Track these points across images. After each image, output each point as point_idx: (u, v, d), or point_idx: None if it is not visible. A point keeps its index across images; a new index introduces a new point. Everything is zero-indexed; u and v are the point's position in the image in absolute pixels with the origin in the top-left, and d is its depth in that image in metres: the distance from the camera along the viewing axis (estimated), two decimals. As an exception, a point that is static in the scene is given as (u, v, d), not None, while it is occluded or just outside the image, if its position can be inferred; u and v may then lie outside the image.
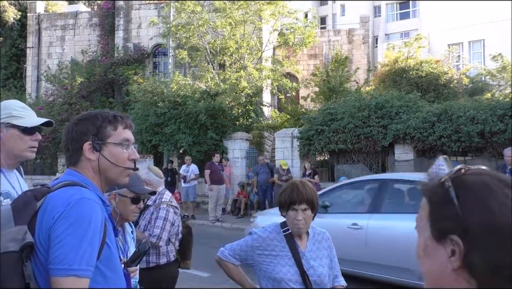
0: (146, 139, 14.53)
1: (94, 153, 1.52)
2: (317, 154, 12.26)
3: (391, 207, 5.90)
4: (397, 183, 6.25)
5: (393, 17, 32.65)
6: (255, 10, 16.81)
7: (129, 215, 2.33)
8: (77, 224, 1.34)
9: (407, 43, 17.65)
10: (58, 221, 1.34)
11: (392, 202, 6.01)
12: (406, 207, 5.80)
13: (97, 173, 1.54)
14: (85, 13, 23.53)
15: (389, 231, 5.49)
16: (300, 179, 2.29)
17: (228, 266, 2.33)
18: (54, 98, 19.44)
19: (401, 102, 10.86)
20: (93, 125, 1.53)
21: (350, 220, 5.84)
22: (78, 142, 1.52)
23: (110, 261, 1.44)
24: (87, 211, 1.37)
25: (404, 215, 5.25)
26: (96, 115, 1.57)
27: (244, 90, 14.72)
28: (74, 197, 1.38)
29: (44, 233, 1.35)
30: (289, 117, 16.98)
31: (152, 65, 21.73)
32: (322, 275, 2.20)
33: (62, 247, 1.31)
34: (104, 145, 1.53)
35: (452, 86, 15.98)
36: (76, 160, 1.54)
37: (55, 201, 1.38)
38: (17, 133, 1.92)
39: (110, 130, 1.55)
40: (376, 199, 5.97)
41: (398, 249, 5.12)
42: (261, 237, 2.23)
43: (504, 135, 9.13)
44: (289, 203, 2.15)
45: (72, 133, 1.53)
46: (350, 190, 6.80)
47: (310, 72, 19.57)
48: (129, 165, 1.59)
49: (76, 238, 1.32)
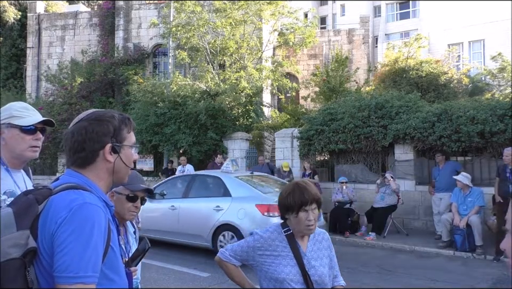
0: (146, 139, 14.53)
1: (112, 155, 1.52)
2: (317, 154, 12.25)
3: (195, 193, 8.36)
4: (201, 176, 8.94)
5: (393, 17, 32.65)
6: (255, 10, 16.81)
7: (126, 214, 2.28)
8: (80, 230, 1.32)
9: (407, 43, 17.64)
10: (61, 227, 1.32)
11: (196, 190, 8.43)
12: (203, 193, 8.34)
13: (110, 174, 1.55)
14: (85, 13, 23.54)
15: (191, 210, 8.07)
16: (301, 180, 2.28)
17: (228, 267, 2.32)
18: (54, 98, 19.44)
19: (401, 102, 10.85)
20: (112, 126, 1.53)
21: (171, 203, 8.30)
22: (98, 142, 1.50)
23: (114, 264, 1.44)
24: (90, 217, 1.35)
25: (201, 198, 8.15)
26: (113, 116, 1.56)
27: (244, 90, 14.71)
28: (77, 201, 1.36)
29: (46, 238, 1.34)
30: (289, 117, 16.97)
31: (152, 65, 21.73)
32: (323, 275, 2.20)
33: (66, 254, 1.29)
34: (121, 148, 1.55)
35: (451, 86, 15.97)
36: (90, 160, 1.51)
37: (57, 206, 1.36)
38: (17, 132, 1.94)
39: (125, 133, 1.57)
40: (187, 188, 8.49)
41: (195, 222, 7.88)
42: (262, 238, 2.23)
43: (504, 135, 9.12)
44: (300, 205, 2.13)
45: (92, 133, 1.50)
46: (178, 182, 9.07)
47: (310, 72, 19.58)
48: (132, 165, 1.63)
49: (80, 244, 1.30)
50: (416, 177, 10.55)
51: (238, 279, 2.33)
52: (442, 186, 9.15)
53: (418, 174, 10.65)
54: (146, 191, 2.35)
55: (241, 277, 2.33)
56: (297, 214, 2.15)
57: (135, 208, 2.31)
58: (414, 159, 10.54)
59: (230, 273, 2.33)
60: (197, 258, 7.78)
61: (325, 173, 12.43)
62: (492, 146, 9.42)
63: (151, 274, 6.69)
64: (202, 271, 6.94)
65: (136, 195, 2.30)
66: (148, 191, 2.36)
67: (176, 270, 7.10)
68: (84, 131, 1.50)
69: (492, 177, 9.05)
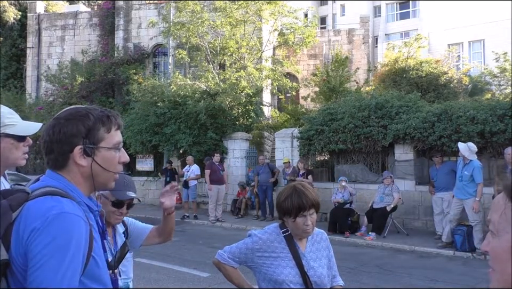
0: (146, 139, 14.53)
1: (85, 158, 1.36)
2: (317, 154, 12.25)
3: None
4: None
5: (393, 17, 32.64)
6: (255, 10, 16.81)
7: (111, 218, 2.23)
8: (55, 243, 1.19)
9: (407, 43, 17.64)
10: (35, 238, 1.20)
11: None
12: None
13: (87, 179, 1.38)
14: (85, 13, 23.54)
15: None
16: (298, 182, 2.26)
17: (226, 269, 2.31)
18: (54, 98, 19.44)
19: (401, 102, 10.85)
20: (84, 126, 1.36)
21: None
22: (66, 144, 1.34)
23: (94, 273, 1.32)
24: (68, 228, 1.22)
25: None
26: (87, 114, 1.38)
27: (244, 90, 14.70)
28: (54, 210, 1.23)
29: (20, 248, 1.22)
30: (289, 117, 16.97)
31: (152, 65, 21.73)
32: (322, 276, 2.20)
33: (39, 269, 1.18)
34: (96, 150, 1.37)
35: (451, 86, 15.97)
36: (61, 164, 1.36)
37: (32, 214, 1.23)
38: (12, 141, 1.85)
39: (103, 133, 1.39)
40: None
41: None
42: (261, 239, 2.22)
43: (504, 135, 9.12)
44: (298, 210, 2.11)
45: (60, 134, 1.34)
46: None
47: (310, 72, 19.58)
48: (119, 168, 1.46)
49: (55, 258, 1.19)
50: (416, 177, 10.55)
51: (237, 281, 2.32)
52: (442, 186, 9.15)
53: (418, 174, 10.64)
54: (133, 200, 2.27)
55: (240, 278, 2.33)
56: (294, 218, 2.14)
57: (120, 214, 2.26)
58: (414, 159, 10.54)
59: (228, 275, 2.32)
60: (197, 258, 7.78)
61: (325, 173, 12.43)
62: (492, 146, 9.42)
63: (151, 274, 6.69)
64: (202, 271, 6.94)
65: (121, 202, 2.24)
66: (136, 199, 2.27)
67: (176, 270, 7.10)
68: (51, 131, 1.36)
69: (491, 177, 9.05)
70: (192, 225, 11.78)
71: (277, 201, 2.24)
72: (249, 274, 2.37)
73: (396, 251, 8.56)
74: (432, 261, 7.77)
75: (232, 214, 12.95)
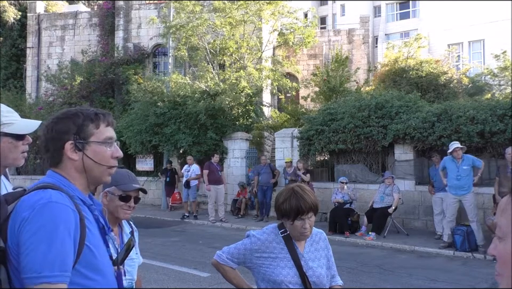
0: (146, 139, 14.53)
1: (77, 152, 1.48)
2: (317, 154, 12.25)
3: None
4: None
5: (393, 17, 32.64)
6: (255, 10, 16.79)
7: (119, 213, 2.24)
8: (43, 230, 1.28)
9: (407, 43, 17.65)
10: (24, 227, 1.29)
11: None
12: None
13: (81, 173, 1.50)
14: (85, 13, 23.53)
15: None
16: (297, 185, 2.25)
17: (225, 270, 2.31)
18: (54, 98, 19.43)
19: (401, 102, 10.85)
20: (74, 124, 1.49)
21: None
22: (58, 141, 1.47)
23: (93, 263, 1.39)
24: (55, 215, 1.31)
25: None
26: (76, 113, 1.51)
27: (243, 90, 14.70)
28: (41, 201, 1.33)
29: (13, 238, 1.32)
30: (289, 117, 16.96)
31: (152, 65, 21.74)
32: (321, 276, 2.19)
33: (28, 255, 1.27)
34: (87, 144, 1.49)
35: (451, 86, 15.97)
36: (57, 160, 1.49)
37: (22, 205, 1.34)
38: (11, 140, 1.82)
39: (92, 129, 1.51)
40: None
41: None
42: (259, 240, 2.22)
43: (504, 135, 9.12)
44: (296, 214, 2.10)
45: (52, 132, 1.48)
46: None
47: (310, 72, 19.57)
48: (113, 163, 1.55)
49: (43, 243, 1.27)
50: (416, 177, 10.55)
51: (236, 281, 2.32)
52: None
53: (418, 174, 10.65)
54: (140, 190, 2.30)
55: (239, 279, 2.33)
56: (292, 222, 2.13)
57: (128, 207, 2.26)
58: (414, 159, 10.55)
59: (227, 276, 2.32)
60: (197, 258, 7.78)
61: (325, 173, 12.43)
62: (492, 146, 9.42)
63: (151, 274, 6.69)
64: (202, 271, 6.94)
65: (128, 195, 2.26)
66: (141, 190, 2.30)
67: (176, 270, 7.09)
68: (46, 131, 1.50)
69: (491, 177, 9.05)
70: (192, 225, 11.78)
71: (275, 202, 2.23)
72: (248, 275, 2.37)
73: (396, 251, 8.56)
74: (432, 261, 7.77)
75: (232, 214, 12.95)
